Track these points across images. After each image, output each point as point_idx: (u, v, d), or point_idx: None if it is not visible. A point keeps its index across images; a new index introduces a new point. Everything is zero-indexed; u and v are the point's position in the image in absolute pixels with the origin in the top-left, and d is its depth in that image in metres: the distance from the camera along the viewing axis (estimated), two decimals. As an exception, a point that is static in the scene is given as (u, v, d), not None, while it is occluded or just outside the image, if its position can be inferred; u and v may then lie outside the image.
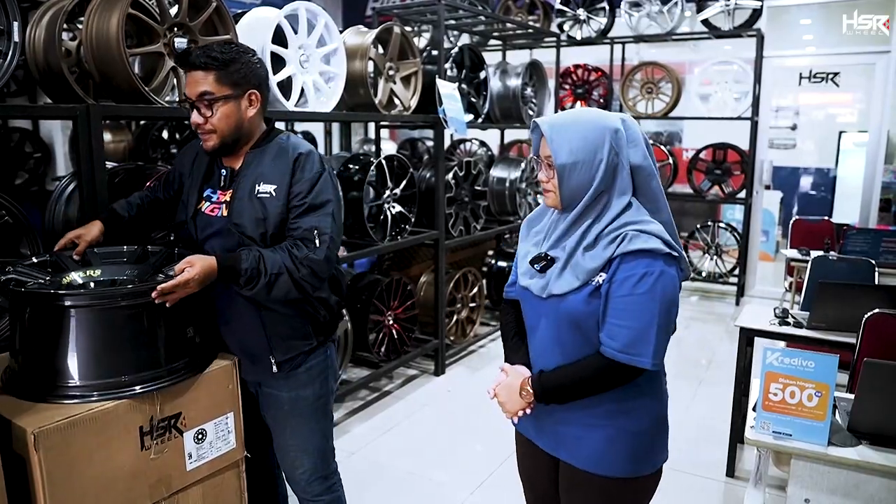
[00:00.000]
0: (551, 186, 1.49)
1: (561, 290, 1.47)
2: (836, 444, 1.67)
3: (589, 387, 1.47)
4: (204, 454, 1.86)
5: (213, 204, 1.88)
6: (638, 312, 1.39)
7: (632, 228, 1.42)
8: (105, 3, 2.33)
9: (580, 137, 1.44)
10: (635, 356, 1.40)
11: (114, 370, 1.66)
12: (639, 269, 1.39)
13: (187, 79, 1.77)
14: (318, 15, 3.09)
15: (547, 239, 1.55)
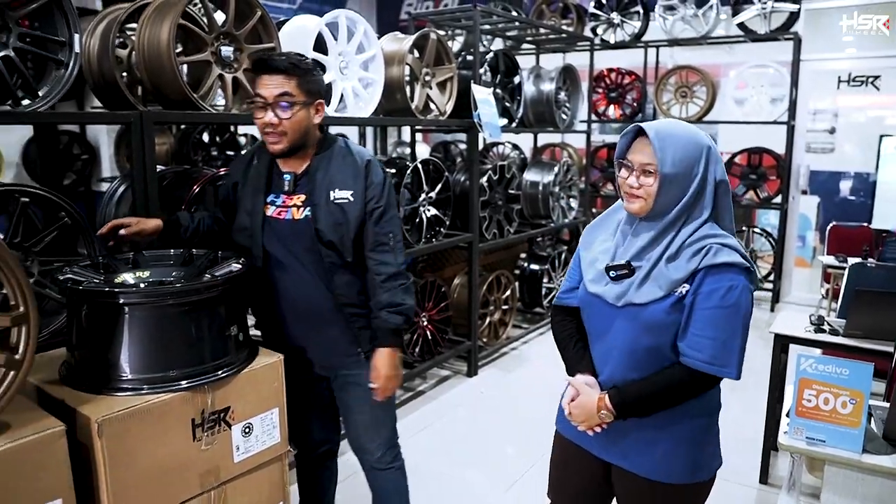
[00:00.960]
0: (643, 193, 1.50)
1: (643, 300, 1.48)
2: (870, 452, 1.68)
3: (670, 399, 1.50)
4: (250, 447, 1.94)
5: (279, 208, 1.97)
6: (724, 325, 1.43)
7: (714, 242, 1.45)
8: (157, 15, 2.44)
9: (682, 149, 1.47)
10: (721, 367, 1.44)
11: (163, 365, 1.74)
12: (724, 282, 1.43)
13: (263, 80, 1.85)
14: (358, 22, 3.17)
15: (623, 247, 1.57)
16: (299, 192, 1.96)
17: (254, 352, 2.02)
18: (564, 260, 5.57)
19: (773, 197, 6.10)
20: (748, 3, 5.83)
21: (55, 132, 4.88)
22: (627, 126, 1.68)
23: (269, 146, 1.91)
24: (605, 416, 1.53)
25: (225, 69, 2.61)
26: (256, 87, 1.87)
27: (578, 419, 1.59)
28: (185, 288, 1.79)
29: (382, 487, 2.30)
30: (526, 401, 4.03)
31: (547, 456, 1.84)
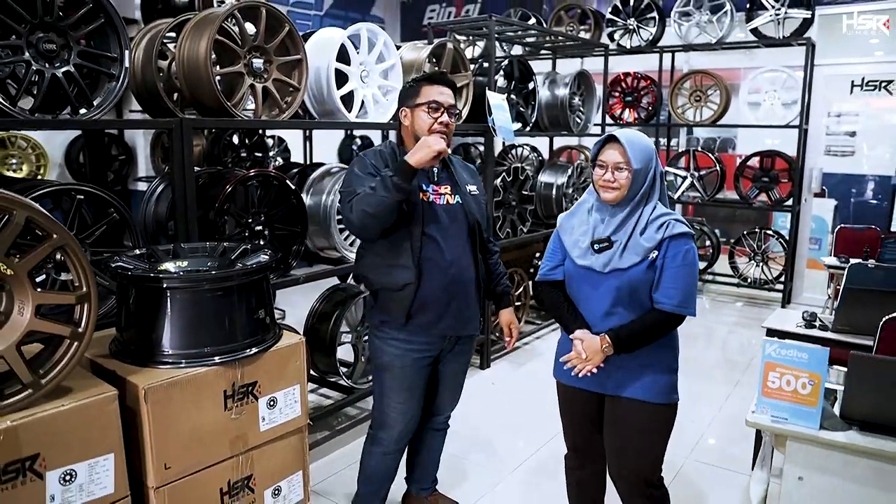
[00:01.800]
0: (617, 185, 1.98)
1: (625, 265, 1.97)
2: (827, 429, 1.86)
3: (651, 335, 1.99)
4: (274, 418, 2.18)
5: (434, 194, 2.30)
6: (685, 278, 1.96)
7: (670, 218, 1.98)
8: (195, 30, 2.70)
9: (642, 150, 1.99)
10: (685, 308, 1.96)
11: (199, 342, 1.99)
12: (682, 246, 1.96)
13: (439, 90, 2.27)
14: (378, 34, 3.40)
15: (602, 227, 2.04)
16: (443, 184, 2.32)
17: (279, 333, 2.26)
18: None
19: (786, 199, 6.21)
20: (762, 10, 5.96)
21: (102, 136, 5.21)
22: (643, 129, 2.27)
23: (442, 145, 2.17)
24: (607, 349, 1.98)
25: (256, 79, 2.86)
26: (431, 95, 2.25)
27: (588, 354, 2.00)
28: (220, 275, 2.05)
29: (436, 446, 2.72)
30: (534, 391, 4.24)
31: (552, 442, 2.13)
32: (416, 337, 2.32)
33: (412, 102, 2.27)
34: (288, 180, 3.06)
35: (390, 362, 2.35)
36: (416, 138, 2.23)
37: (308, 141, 6.51)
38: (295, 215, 3.10)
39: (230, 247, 2.36)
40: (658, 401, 2.03)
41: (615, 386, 2.07)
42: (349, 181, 2.23)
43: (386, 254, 2.27)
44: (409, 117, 2.29)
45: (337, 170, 3.45)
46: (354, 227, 2.20)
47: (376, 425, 2.47)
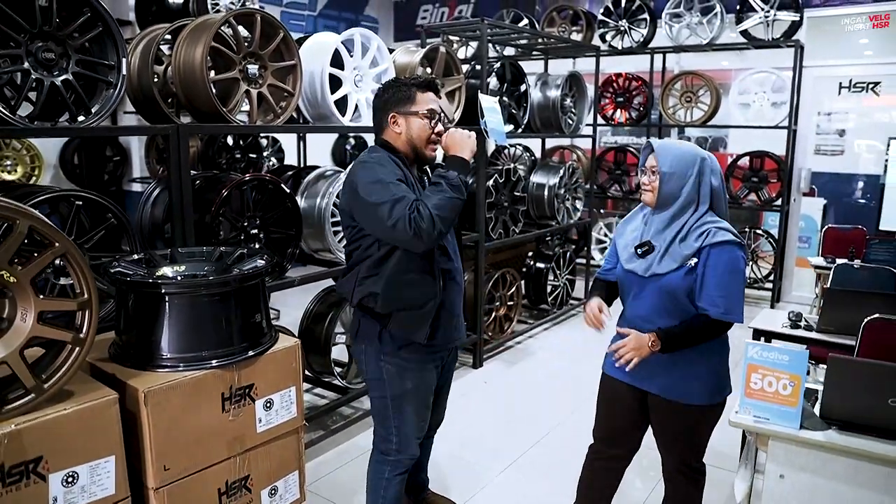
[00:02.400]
0: (651, 187, 2.08)
1: (663, 271, 2.04)
2: (807, 428, 1.92)
3: (697, 338, 2.04)
4: (271, 420, 2.23)
5: None
6: (730, 286, 1.98)
7: (713, 226, 2.02)
8: (191, 37, 2.74)
9: (678, 156, 2.06)
10: (730, 315, 2.00)
11: (196, 346, 2.04)
12: (725, 254, 1.99)
13: (434, 97, 2.22)
14: (372, 39, 3.44)
15: (645, 233, 2.12)
16: None
17: (275, 336, 2.31)
18: (569, 259, 5.82)
19: (775, 199, 6.28)
20: (751, 12, 6.02)
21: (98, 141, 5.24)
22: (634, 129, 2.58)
23: (433, 153, 2.23)
24: (654, 344, 2.02)
25: (251, 85, 2.90)
26: (428, 102, 2.19)
27: (633, 346, 2.04)
28: (218, 280, 2.09)
29: (429, 451, 2.74)
30: (527, 390, 4.30)
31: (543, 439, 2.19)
32: (434, 353, 2.30)
33: (405, 108, 2.17)
34: (283, 184, 3.10)
35: (414, 388, 2.27)
36: (411, 146, 2.19)
37: (302, 142, 6.54)
38: (290, 218, 3.14)
39: (227, 251, 2.40)
40: (703, 402, 2.10)
41: (662, 386, 2.13)
42: (380, 191, 2.01)
43: (409, 268, 2.14)
44: (401, 124, 2.18)
45: (331, 173, 3.49)
46: (423, 235, 1.97)
47: (397, 451, 2.34)
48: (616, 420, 2.32)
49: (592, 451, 2.43)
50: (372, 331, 2.24)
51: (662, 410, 2.17)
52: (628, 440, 2.33)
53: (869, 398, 1.84)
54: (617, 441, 2.35)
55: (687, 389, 2.09)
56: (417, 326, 2.18)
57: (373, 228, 2.10)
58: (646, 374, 2.14)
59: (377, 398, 2.32)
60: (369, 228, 2.12)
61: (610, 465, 2.39)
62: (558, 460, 3.37)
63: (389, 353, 2.23)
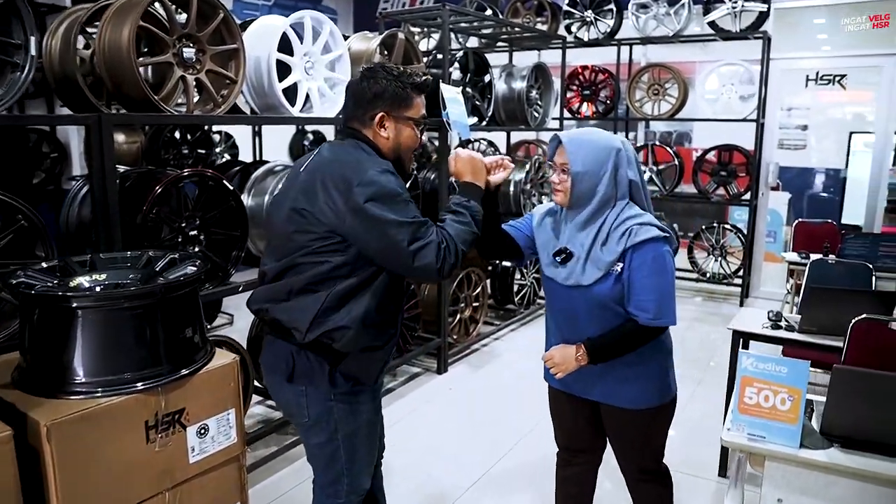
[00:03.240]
0: (562, 188, 1.88)
1: (588, 282, 1.86)
2: (807, 447, 1.73)
3: (628, 346, 1.89)
4: (206, 448, 1.96)
5: None
6: (657, 287, 1.82)
7: (633, 223, 1.83)
8: (117, 16, 2.44)
9: (591, 151, 1.85)
10: (664, 319, 1.85)
11: (117, 368, 1.76)
12: (649, 253, 1.82)
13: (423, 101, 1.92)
14: (324, 23, 3.18)
15: (561, 235, 1.94)
16: None
17: (211, 352, 2.04)
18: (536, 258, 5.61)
19: (743, 193, 6.19)
20: (719, 2, 5.90)
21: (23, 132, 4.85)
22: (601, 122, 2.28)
23: (411, 165, 1.99)
24: (581, 357, 1.88)
25: (187, 71, 2.62)
26: (421, 109, 1.90)
27: (558, 360, 1.92)
28: (140, 291, 1.82)
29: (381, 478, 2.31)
30: (495, 395, 4.08)
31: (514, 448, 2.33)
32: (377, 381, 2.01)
33: (399, 111, 1.84)
34: (226, 180, 2.82)
35: (367, 421, 1.97)
36: (396, 156, 1.87)
37: (257, 137, 6.22)
38: (234, 218, 2.86)
39: (156, 256, 2.12)
40: (650, 405, 1.99)
41: (604, 394, 2.01)
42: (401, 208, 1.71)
43: (389, 299, 1.85)
44: (389, 128, 1.84)
45: (281, 168, 3.23)
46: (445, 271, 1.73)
47: (349, 493, 1.98)
48: (571, 429, 2.22)
49: (560, 458, 2.32)
50: (317, 370, 1.83)
51: (612, 418, 2.06)
52: (589, 444, 2.22)
53: (877, 412, 1.65)
54: (577, 448, 2.25)
55: (631, 394, 1.98)
56: (373, 368, 1.90)
57: (377, 250, 1.73)
58: (587, 384, 2.03)
59: (323, 443, 1.92)
60: (370, 249, 1.73)
61: (581, 470, 2.28)
62: (531, 470, 3.16)
63: (343, 392, 1.87)
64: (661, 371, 2.01)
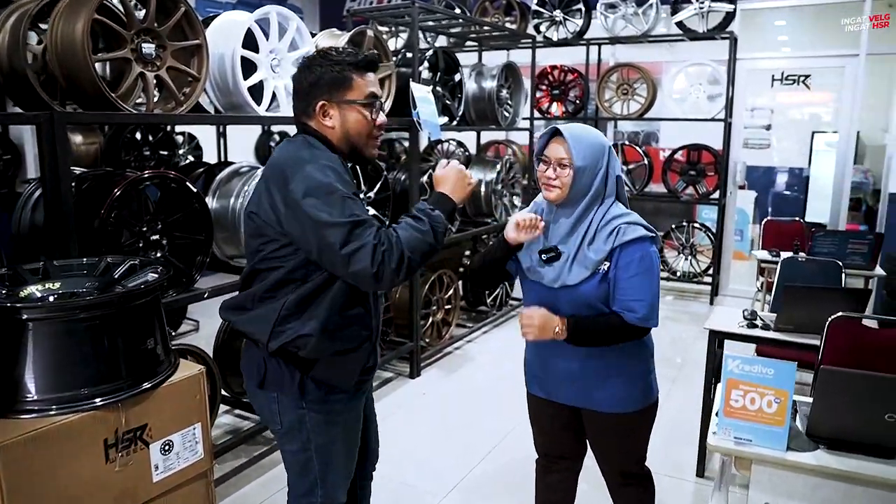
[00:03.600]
0: (559, 183, 1.81)
1: (574, 281, 1.81)
2: (794, 449, 1.70)
3: (611, 338, 1.84)
4: (171, 465, 1.86)
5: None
6: (643, 287, 1.79)
7: (621, 222, 1.80)
8: (70, 8, 2.31)
9: (590, 147, 1.81)
10: (647, 321, 1.81)
11: (73, 383, 1.65)
12: (636, 253, 1.78)
13: (373, 78, 1.77)
14: (290, 19, 3.08)
15: (549, 235, 1.88)
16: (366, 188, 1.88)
17: (175, 363, 1.93)
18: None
19: (712, 192, 6.22)
20: (686, 3, 5.92)
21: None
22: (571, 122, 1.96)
23: (375, 150, 1.83)
24: (557, 333, 1.80)
25: (146, 67, 2.49)
26: (368, 87, 1.73)
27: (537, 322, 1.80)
28: (96, 301, 1.71)
29: (368, 494, 2.25)
30: (469, 400, 4.01)
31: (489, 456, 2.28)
32: (364, 383, 1.90)
33: (339, 96, 1.70)
34: (188, 182, 2.70)
35: (343, 431, 1.86)
36: (348, 144, 1.75)
37: (222, 138, 6.06)
38: (198, 221, 2.74)
39: (114, 262, 2.01)
40: (633, 409, 1.95)
41: (586, 399, 1.97)
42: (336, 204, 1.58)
43: (351, 302, 1.74)
44: (333, 115, 1.72)
45: (247, 169, 3.11)
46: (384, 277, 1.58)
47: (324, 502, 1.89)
48: (551, 435, 2.18)
49: (540, 465, 2.27)
50: (287, 377, 1.75)
51: (593, 423, 2.02)
52: (570, 450, 2.18)
53: (864, 413, 1.62)
54: (557, 455, 2.20)
55: (613, 398, 1.94)
56: (348, 372, 1.79)
57: (315, 252, 1.62)
58: (568, 390, 1.99)
59: (296, 451, 1.83)
60: (310, 250, 1.63)
61: (562, 476, 2.23)
62: (507, 476, 3.10)
63: (315, 400, 1.77)
64: (643, 373, 1.98)
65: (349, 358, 1.78)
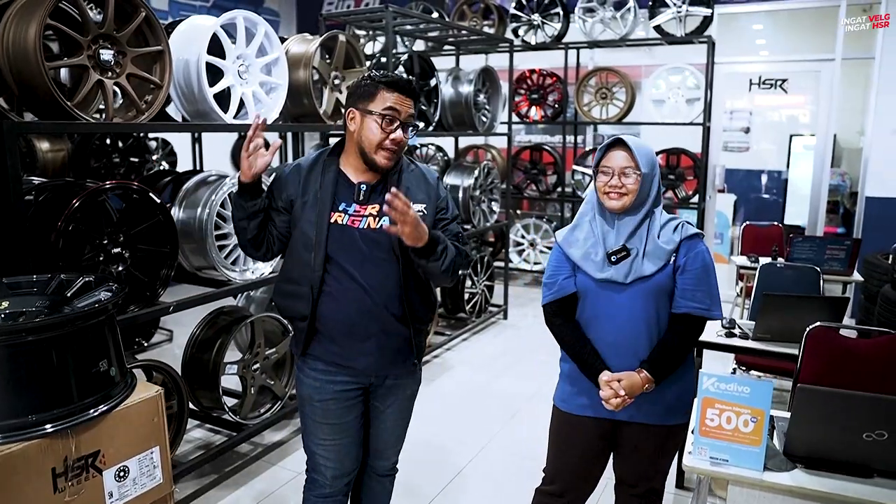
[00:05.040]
0: (625, 191, 1.87)
1: (650, 272, 1.86)
2: (771, 469, 1.65)
3: (683, 350, 1.90)
4: (126, 492, 1.78)
5: (352, 216, 1.94)
6: (707, 279, 1.88)
7: (680, 220, 1.93)
8: (22, 13, 2.22)
9: (647, 155, 1.90)
10: (714, 311, 1.89)
11: (18, 409, 1.57)
12: (699, 247, 1.89)
13: (401, 98, 1.89)
14: (258, 24, 2.99)
15: (614, 236, 1.91)
16: (373, 203, 1.95)
17: (131, 384, 1.85)
18: (487, 263, 5.50)
19: (692, 196, 6.21)
20: (664, 7, 5.91)
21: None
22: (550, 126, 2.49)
23: (385, 160, 1.90)
24: (649, 387, 1.85)
25: (105, 74, 2.40)
26: (389, 101, 1.88)
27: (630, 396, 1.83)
28: (44, 323, 1.62)
29: (383, 492, 2.34)
30: (447, 412, 3.94)
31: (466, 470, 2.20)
32: (337, 369, 2.00)
33: (364, 105, 1.90)
34: (153, 193, 2.61)
35: (308, 395, 2.04)
36: (359, 149, 1.91)
37: (197, 143, 5.94)
38: (163, 233, 2.66)
39: (68, 279, 1.92)
40: (676, 421, 1.95)
41: (641, 412, 1.93)
42: None
43: (287, 279, 2.00)
44: (356, 121, 1.91)
45: (214, 178, 3.02)
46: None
47: (309, 467, 2.14)
48: (574, 460, 2.07)
49: (542, 494, 2.14)
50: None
51: (632, 437, 1.98)
52: (584, 481, 2.09)
53: (841, 432, 1.58)
54: (570, 484, 2.09)
55: (659, 410, 1.93)
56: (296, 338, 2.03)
57: None
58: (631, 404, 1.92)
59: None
60: None
61: None
62: (483, 495, 3.04)
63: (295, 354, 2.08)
64: (687, 379, 1.98)
65: (295, 325, 2.02)
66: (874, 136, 5.59)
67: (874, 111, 5.56)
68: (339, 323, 1.95)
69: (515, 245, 6.89)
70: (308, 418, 2.06)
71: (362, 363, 1.99)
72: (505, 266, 5.82)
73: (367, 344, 1.97)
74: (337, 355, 1.98)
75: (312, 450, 2.08)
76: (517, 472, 3.14)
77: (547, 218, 7.12)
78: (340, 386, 2.01)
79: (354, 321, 1.94)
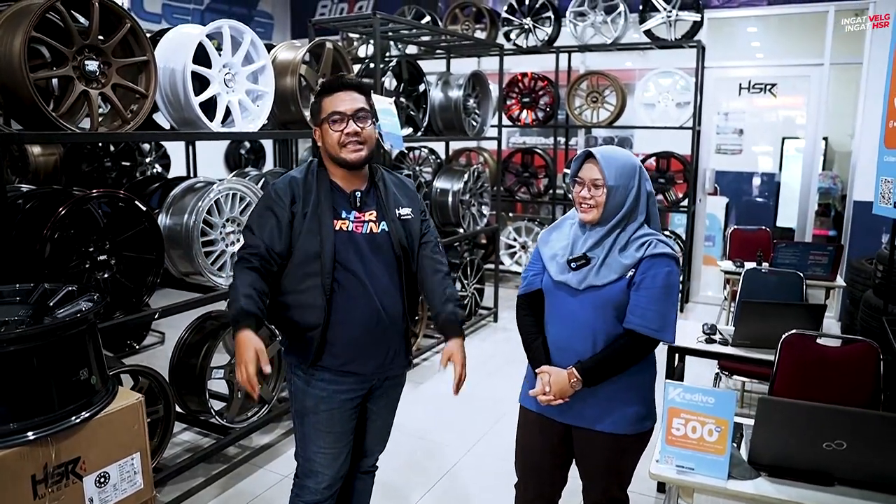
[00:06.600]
0: (594, 202, 1.90)
1: (601, 282, 1.88)
2: (735, 478, 1.69)
3: (622, 363, 1.89)
4: (107, 498, 1.81)
5: (355, 223, 2.01)
6: (663, 300, 1.85)
7: (654, 237, 1.90)
8: (8, 24, 2.26)
9: (622, 166, 1.89)
10: (661, 333, 1.86)
11: (1, 417, 1.60)
12: (663, 267, 1.86)
13: (340, 97, 2.00)
14: (244, 32, 3.02)
15: (580, 244, 1.95)
16: (368, 209, 2.04)
17: (112, 391, 1.89)
18: (477, 266, 5.54)
19: (682, 200, 6.25)
20: (654, 11, 5.95)
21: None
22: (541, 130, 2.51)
23: (353, 154, 1.98)
24: (575, 384, 1.88)
25: (90, 85, 2.44)
26: (331, 106, 1.99)
27: (556, 391, 1.90)
28: (24, 333, 1.66)
29: (364, 489, 2.41)
30: (435, 415, 3.98)
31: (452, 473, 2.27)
32: (343, 377, 2.04)
33: (318, 119, 2.05)
34: (139, 200, 2.65)
35: (314, 405, 2.05)
36: (330, 157, 2.04)
37: (191, 146, 5.98)
38: (149, 240, 2.69)
39: (51, 289, 1.96)
40: (630, 432, 1.95)
41: (585, 417, 1.97)
42: (252, 217, 2.03)
43: (291, 291, 2.00)
44: (318, 135, 2.06)
45: (202, 185, 3.05)
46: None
47: (301, 473, 2.16)
48: (536, 457, 2.14)
49: (517, 490, 2.22)
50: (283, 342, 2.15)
51: (586, 442, 2.01)
52: (550, 477, 2.14)
53: (802, 441, 1.62)
54: (538, 481, 2.15)
55: (611, 419, 1.94)
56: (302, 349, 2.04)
57: None
58: (567, 406, 1.97)
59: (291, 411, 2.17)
60: None
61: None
62: (469, 496, 3.07)
63: (292, 365, 2.11)
64: (647, 395, 1.99)
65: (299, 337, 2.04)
66: (862, 139, 5.63)
67: (862, 115, 5.60)
68: (351, 327, 1.99)
69: (507, 248, 6.93)
70: (310, 428, 2.08)
71: (371, 366, 2.05)
72: (495, 269, 5.86)
73: (374, 346, 2.04)
74: (347, 362, 2.02)
75: (310, 458, 2.10)
76: (504, 474, 3.16)
77: (539, 221, 7.16)
78: (346, 394, 2.06)
79: (365, 324, 2.00)
